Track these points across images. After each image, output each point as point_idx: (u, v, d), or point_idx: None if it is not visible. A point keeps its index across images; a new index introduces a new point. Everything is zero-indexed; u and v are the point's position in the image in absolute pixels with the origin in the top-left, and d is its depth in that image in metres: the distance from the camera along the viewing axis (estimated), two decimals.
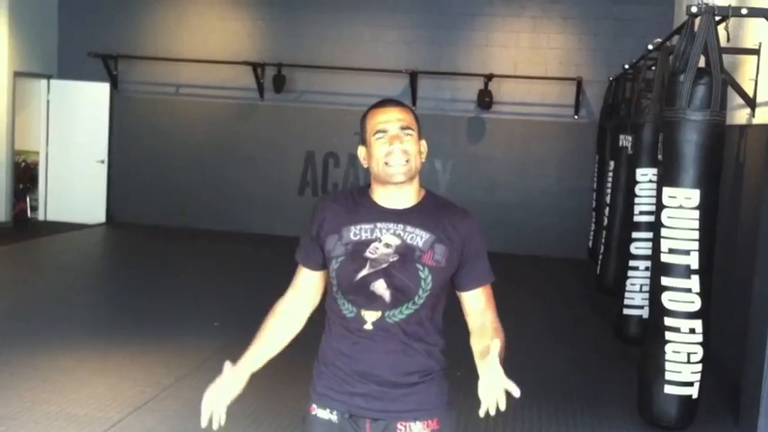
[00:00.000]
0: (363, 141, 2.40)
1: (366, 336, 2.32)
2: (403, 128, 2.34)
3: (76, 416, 4.94)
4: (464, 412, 5.35)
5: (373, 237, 2.34)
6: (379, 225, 2.35)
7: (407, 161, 2.32)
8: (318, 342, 2.48)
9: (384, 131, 2.34)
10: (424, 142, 2.42)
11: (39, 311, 7.51)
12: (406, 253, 2.31)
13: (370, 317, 2.31)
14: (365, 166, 2.41)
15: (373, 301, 2.30)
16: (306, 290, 2.49)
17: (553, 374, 6.45)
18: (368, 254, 2.32)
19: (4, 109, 11.93)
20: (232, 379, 2.42)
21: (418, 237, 2.32)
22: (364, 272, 2.30)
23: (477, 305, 2.41)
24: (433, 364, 2.36)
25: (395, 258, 2.30)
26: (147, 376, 5.75)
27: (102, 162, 12.89)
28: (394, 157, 2.31)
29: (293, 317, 2.49)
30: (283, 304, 2.51)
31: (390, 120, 2.35)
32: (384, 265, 2.30)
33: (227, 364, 2.44)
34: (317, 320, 2.53)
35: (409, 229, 2.33)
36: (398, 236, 2.33)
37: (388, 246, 2.31)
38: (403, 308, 2.30)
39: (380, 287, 2.29)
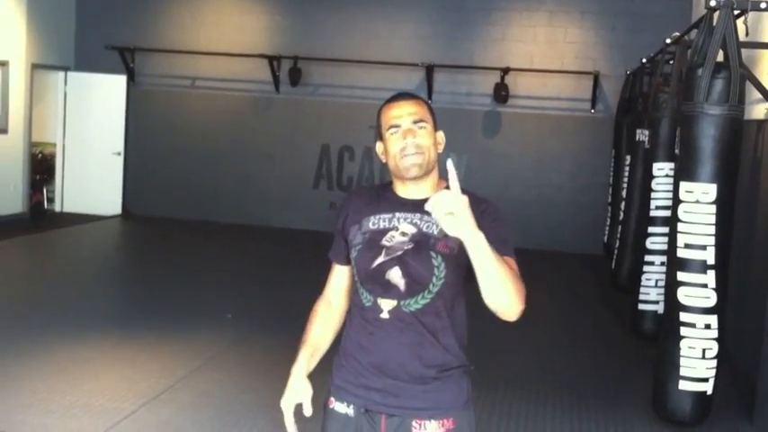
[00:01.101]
0: (380, 137, 2.41)
1: (382, 326, 2.31)
2: (416, 121, 2.33)
3: (91, 406, 4.97)
4: (484, 408, 5.34)
5: (391, 226, 2.35)
6: (397, 215, 2.36)
7: (421, 155, 2.31)
8: (338, 337, 2.49)
9: (397, 126, 2.34)
10: (441, 133, 2.41)
11: (54, 302, 7.56)
12: (421, 241, 2.30)
13: (387, 305, 2.30)
14: (383, 161, 2.41)
15: (389, 289, 2.30)
16: (339, 285, 2.53)
17: (567, 369, 6.44)
18: (384, 242, 2.32)
19: (21, 101, 11.99)
20: (293, 386, 2.41)
21: (434, 225, 2.30)
22: (380, 260, 2.31)
23: None
24: (451, 359, 2.34)
25: (409, 246, 2.30)
26: (162, 368, 5.77)
27: (119, 154, 12.95)
28: (408, 151, 2.31)
29: (332, 315, 2.52)
30: (322, 304, 2.54)
31: (403, 114, 2.34)
32: (399, 253, 2.30)
33: (294, 370, 2.44)
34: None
35: (426, 218, 2.31)
36: (415, 225, 2.33)
37: (404, 234, 2.31)
38: (419, 297, 2.29)
39: (395, 275, 2.29)
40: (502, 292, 2.07)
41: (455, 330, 2.35)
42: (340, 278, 2.52)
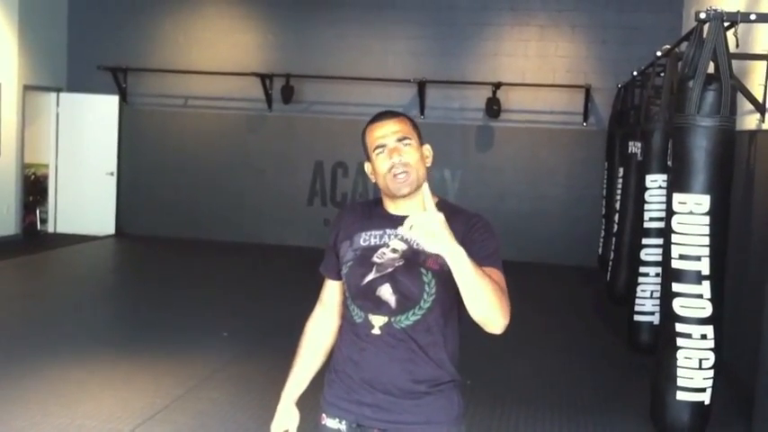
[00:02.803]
0: (367, 157, 2.42)
1: (373, 342, 2.32)
2: (400, 139, 2.34)
3: (87, 428, 4.94)
4: (481, 422, 5.32)
5: (381, 242, 2.36)
6: (388, 231, 2.36)
7: (408, 173, 2.32)
8: (331, 353, 2.51)
9: (383, 146, 2.35)
10: (427, 146, 2.42)
11: (49, 324, 7.52)
12: (412, 257, 2.31)
13: (378, 321, 2.32)
14: (373, 180, 2.43)
15: (380, 305, 2.31)
16: (331, 301, 2.54)
17: (564, 382, 6.42)
18: (375, 259, 2.34)
19: (13, 122, 11.98)
20: (281, 412, 2.57)
21: None
22: (371, 276, 2.32)
23: None
24: (442, 374, 2.34)
25: (400, 263, 2.31)
26: (157, 388, 5.74)
27: (112, 174, 12.94)
28: (396, 170, 2.32)
29: (322, 333, 2.55)
30: (312, 322, 2.58)
31: (387, 133, 2.35)
32: (389, 270, 2.31)
33: (283, 396, 2.58)
34: None
35: None
36: (406, 241, 2.33)
37: (394, 251, 2.32)
38: (409, 313, 2.30)
39: (386, 292, 2.30)
40: (485, 306, 2.08)
41: (447, 346, 2.35)
42: (332, 293, 2.53)
